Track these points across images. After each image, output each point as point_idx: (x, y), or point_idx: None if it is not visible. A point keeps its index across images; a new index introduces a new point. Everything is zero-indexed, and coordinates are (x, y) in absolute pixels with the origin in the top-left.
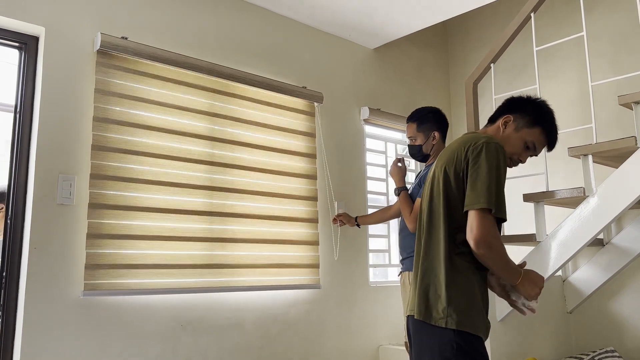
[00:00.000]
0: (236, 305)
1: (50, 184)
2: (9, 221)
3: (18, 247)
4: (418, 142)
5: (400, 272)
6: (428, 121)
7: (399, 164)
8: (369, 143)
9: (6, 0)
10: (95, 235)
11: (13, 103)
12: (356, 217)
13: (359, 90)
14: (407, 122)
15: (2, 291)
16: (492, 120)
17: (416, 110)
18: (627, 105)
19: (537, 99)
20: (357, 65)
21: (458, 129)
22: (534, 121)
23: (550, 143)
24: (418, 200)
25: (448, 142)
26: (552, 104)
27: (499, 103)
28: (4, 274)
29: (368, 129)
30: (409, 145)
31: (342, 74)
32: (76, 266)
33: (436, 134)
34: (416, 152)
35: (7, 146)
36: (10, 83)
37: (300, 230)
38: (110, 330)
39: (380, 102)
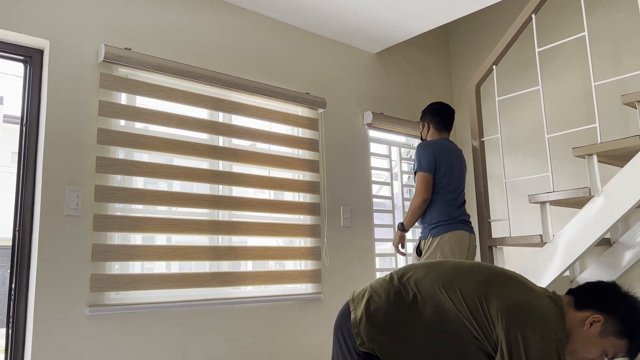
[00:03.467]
0: (244, 312)
1: (57, 196)
2: (17, 233)
3: (27, 259)
4: (422, 130)
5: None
6: (424, 113)
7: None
8: (373, 147)
9: (11, 14)
10: (101, 246)
11: (19, 115)
12: (400, 225)
13: (361, 95)
14: None
15: (12, 303)
16: (580, 305)
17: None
18: (631, 104)
19: (632, 298)
20: (360, 70)
21: (461, 132)
22: (624, 331)
23: (632, 355)
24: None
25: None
26: (556, 105)
27: (502, 105)
28: (13, 286)
29: (372, 133)
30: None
31: (344, 79)
32: (84, 277)
33: (428, 124)
34: (420, 139)
35: (13, 157)
36: (16, 95)
37: (304, 239)
38: (118, 343)
39: (383, 106)
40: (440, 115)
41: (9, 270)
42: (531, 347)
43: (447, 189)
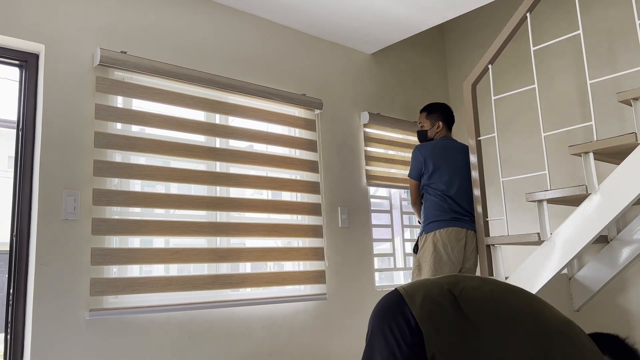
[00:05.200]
0: (244, 314)
1: (54, 200)
2: (14, 238)
3: (25, 264)
4: (425, 127)
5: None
6: (436, 111)
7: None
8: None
9: (5, 19)
10: (100, 250)
11: (14, 119)
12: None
13: (358, 96)
14: (420, 112)
15: (10, 309)
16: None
17: (430, 103)
18: (627, 102)
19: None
20: (356, 71)
21: (458, 131)
22: None
23: None
24: (409, 180)
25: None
26: (552, 103)
27: (498, 104)
28: (12, 290)
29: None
30: (417, 130)
31: (340, 79)
32: (83, 282)
33: (440, 123)
34: (422, 136)
35: (9, 162)
36: (10, 99)
37: (305, 240)
38: (118, 347)
39: (380, 106)
40: (448, 115)
41: (6, 275)
42: None
43: (439, 189)
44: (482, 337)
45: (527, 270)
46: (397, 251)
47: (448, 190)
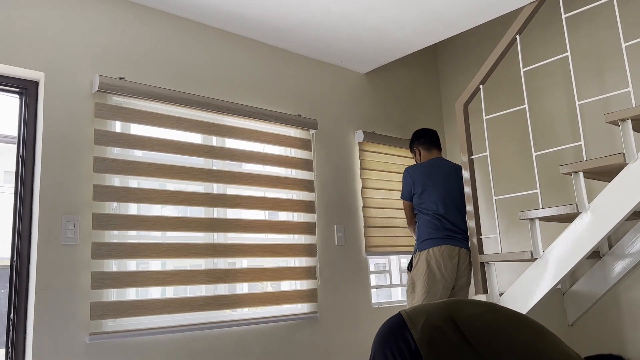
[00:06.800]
0: (241, 334)
1: (54, 225)
2: (14, 262)
3: (25, 288)
4: (415, 160)
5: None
6: (412, 141)
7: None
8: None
9: (5, 48)
10: (100, 274)
11: (10, 134)
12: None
13: (352, 115)
14: None
15: (10, 333)
16: None
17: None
18: (614, 123)
19: None
20: (350, 90)
21: (452, 149)
22: None
23: None
24: (402, 201)
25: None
26: (542, 122)
27: (490, 124)
28: (12, 316)
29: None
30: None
31: (335, 99)
32: (83, 306)
33: (418, 149)
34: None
35: (5, 177)
36: (7, 115)
37: (302, 259)
38: None
39: (374, 124)
40: (424, 137)
41: (2, 291)
42: None
43: (430, 208)
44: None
45: (521, 287)
46: (392, 268)
47: (438, 209)
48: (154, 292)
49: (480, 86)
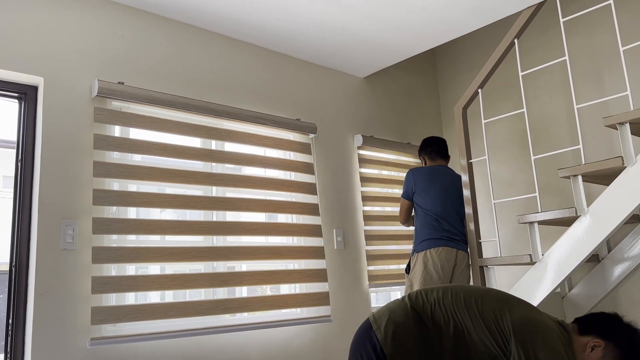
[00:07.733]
0: (246, 339)
1: (53, 230)
2: (13, 267)
3: (23, 293)
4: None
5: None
6: (420, 150)
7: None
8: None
9: (4, 53)
10: (100, 279)
11: (9, 138)
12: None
13: (351, 119)
14: None
15: (9, 339)
16: (583, 331)
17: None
18: (612, 126)
19: (633, 327)
20: (349, 95)
21: (451, 153)
22: (623, 357)
23: None
24: (400, 199)
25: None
26: (540, 126)
27: (489, 128)
28: (10, 321)
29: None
30: None
31: (334, 103)
32: (83, 311)
33: (423, 157)
34: None
35: (4, 181)
36: (5, 119)
37: (309, 262)
38: None
39: (373, 128)
40: (430, 147)
41: (0, 296)
42: (541, 358)
43: (429, 208)
44: (445, 341)
45: (521, 290)
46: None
47: (437, 209)
48: (155, 297)
49: (479, 90)
